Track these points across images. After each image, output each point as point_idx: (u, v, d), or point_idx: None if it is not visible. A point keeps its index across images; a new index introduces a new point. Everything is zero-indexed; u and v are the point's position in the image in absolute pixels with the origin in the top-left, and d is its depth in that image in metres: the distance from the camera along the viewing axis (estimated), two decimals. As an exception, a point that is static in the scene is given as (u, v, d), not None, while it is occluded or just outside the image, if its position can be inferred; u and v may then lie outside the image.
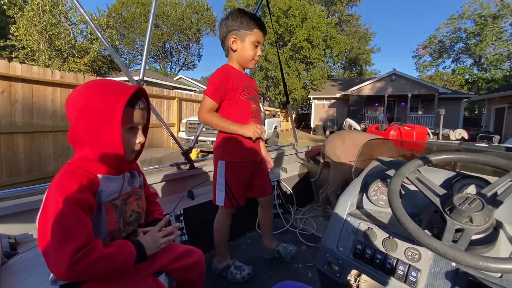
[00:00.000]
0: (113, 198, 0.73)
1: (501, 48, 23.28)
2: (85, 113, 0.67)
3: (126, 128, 0.73)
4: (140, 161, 3.62)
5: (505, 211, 0.75)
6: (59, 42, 11.02)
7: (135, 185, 0.84)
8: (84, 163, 0.70)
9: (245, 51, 1.31)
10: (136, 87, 0.73)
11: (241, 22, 1.27)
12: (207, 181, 1.85)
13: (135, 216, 0.81)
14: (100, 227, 0.71)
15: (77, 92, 0.70)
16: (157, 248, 0.79)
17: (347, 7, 27.91)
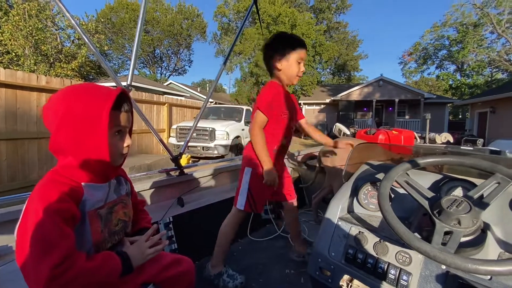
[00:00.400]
0: (98, 207, 0.71)
1: (482, 55, 24.30)
2: (67, 120, 0.64)
3: (113, 132, 0.71)
4: (129, 168, 3.59)
5: (492, 213, 0.76)
6: (45, 47, 10.79)
7: (122, 192, 0.82)
8: (68, 171, 0.68)
9: (289, 69, 1.40)
10: (119, 89, 0.71)
11: (285, 43, 1.39)
12: (197, 188, 1.82)
13: (122, 225, 0.78)
14: (84, 237, 0.68)
15: (56, 99, 0.66)
16: (144, 259, 0.76)
17: (335, 14, 28.57)
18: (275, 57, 1.40)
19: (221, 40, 25.55)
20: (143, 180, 1.58)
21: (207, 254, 1.72)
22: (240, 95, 21.50)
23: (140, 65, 29.66)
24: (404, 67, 32.79)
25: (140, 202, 0.99)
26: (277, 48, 1.40)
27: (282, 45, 1.39)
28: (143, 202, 1.01)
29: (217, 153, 6.89)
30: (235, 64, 22.54)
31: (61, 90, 0.68)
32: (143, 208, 0.99)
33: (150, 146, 7.82)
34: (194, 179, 1.82)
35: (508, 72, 23.84)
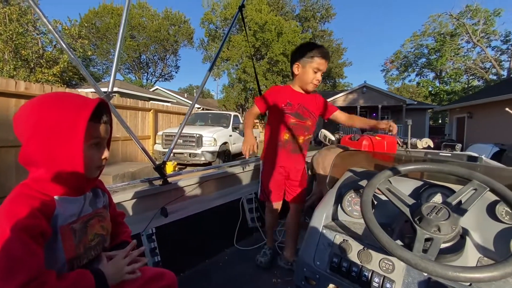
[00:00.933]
0: (71, 222, 0.66)
1: (459, 63, 25.57)
2: (39, 130, 0.61)
3: (89, 144, 0.68)
4: (112, 176, 3.46)
5: (470, 219, 0.78)
6: (26, 52, 10.41)
7: (98, 205, 0.78)
8: (39, 184, 0.64)
9: (305, 76, 1.53)
10: (97, 99, 0.68)
11: (305, 52, 1.50)
12: (182, 197, 1.78)
13: (98, 239, 0.74)
14: (56, 254, 0.63)
15: (27, 107, 0.63)
16: (121, 277, 0.72)
17: (320, 23, 29.34)
18: (295, 63, 1.55)
19: (208, 47, 25.55)
20: (125, 190, 1.52)
21: (192, 265, 1.67)
22: (228, 101, 21.49)
23: (125, 70, 29.18)
24: (387, 74, 33.99)
25: (119, 214, 0.95)
26: (298, 55, 1.53)
27: (302, 53, 1.51)
28: (123, 214, 0.96)
29: (204, 160, 6.80)
30: (223, 70, 22.57)
31: (33, 99, 0.65)
32: (122, 221, 0.94)
33: (135, 153, 7.63)
34: (179, 188, 1.78)
35: (483, 79, 25.17)
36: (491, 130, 10.95)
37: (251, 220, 2.19)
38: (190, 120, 8.42)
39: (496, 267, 0.54)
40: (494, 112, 11.04)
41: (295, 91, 1.60)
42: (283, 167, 1.64)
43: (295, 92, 1.60)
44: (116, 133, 6.85)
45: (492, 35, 23.50)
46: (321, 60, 1.49)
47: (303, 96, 1.61)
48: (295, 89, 1.61)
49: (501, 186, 0.70)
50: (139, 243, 1.45)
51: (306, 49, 1.51)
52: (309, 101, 1.63)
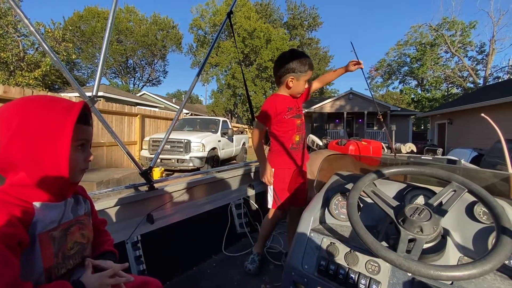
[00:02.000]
0: (51, 229, 0.64)
1: (438, 72, 26.74)
2: (22, 133, 0.59)
3: (75, 146, 0.67)
4: (96, 183, 3.35)
5: (451, 220, 0.81)
6: (5, 54, 10.06)
7: (79, 212, 0.75)
8: (17, 189, 0.61)
9: (298, 88, 1.58)
10: (82, 102, 0.67)
11: (300, 65, 1.52)
12: (168, 203, 1.74)
13: (78, 248, 0.71)
14: (33, 263, 0.60)
15: (7, 110, 0.61)
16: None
17: (307, 31, 30.02)
18: (289, 75, 1.55)
19: (197, 52, 25.55)
20: (109, 197, 1.48)
21: (178, 273, 1.63)
22: (217, 106, 21.45)
23: (111, 75, 28.64)
24: (372, 82, 35.00)
25: (101, 221, 0.92)
26: (293, 67, 1.53)
27: (298, 67, 1.52)
28: (105, 222, 0.93)
29: (193, 166, 6.72)
30: (212, 76, 22.58)
31: (13, 101, 0.62)
32: (104, 229, 0.91)
33: (120, 159, 7.44)
34: (165, 194, 1.74)
35: (461, 87, 26.40)
36: (470, 136, 11.45)
37: (239, 225, 2.17)
38: (178, 126, 8.32)
39: (475, 265, 0.56)
40: (472, 119, 11.57)
41: (288, 97, 1.65)
42: (298, 168, 1.67)
43: (289, 98, 1.66)
44: (101, 139, 6.68)
45: (469, 46, 24.80)
46: (311, 71, 1.57)
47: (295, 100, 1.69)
48: (286, 95, 1.66)
49: (478, 187, 0.73)
50: (123, 251, 1.40)
51: (302, 62, 1.53)
52: (299, 102, 1.72)
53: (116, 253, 0.87)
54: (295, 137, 1.64)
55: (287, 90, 1.62)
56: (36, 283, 0.60)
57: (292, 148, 1.64)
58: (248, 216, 2.24)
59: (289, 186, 1.66)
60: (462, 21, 23.80)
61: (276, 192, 1.66)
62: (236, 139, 9.25)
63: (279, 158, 1.66)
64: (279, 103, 1.61)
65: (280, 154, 1.66)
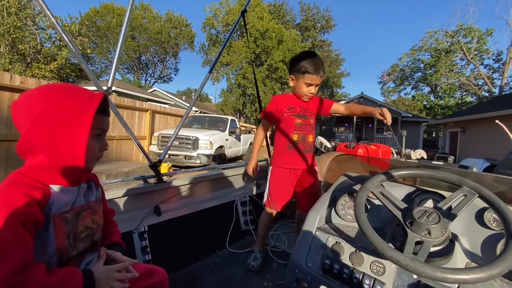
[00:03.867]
0: (64, 211, 0.66)
1: (453, 79, 26.14)
2: (44, 118, 0.61)
3: (93, 135, 0.70)
4: (105, 175, 3.42)
5: (459, 224, 0.80)
6: (23, 46, 10.33)
7: (91, 198, 0.77)
8: (35, 172, 0.64)
9: (299, 89, 1.59)
10: (102, 93, 0.70)
11: (297, 66, 1.55)
12: (175, 196, 1.77)
13: (88, 232, 0.73)
14: (47, 242, 0.63)
15: (31, 96, 0.64)
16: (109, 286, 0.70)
17: (319, 33, 29.83)
18: (290, 75, 1.62)
19: (208, 51, 25.72)
20: (118, 187, 1.51)
21: (182, 266, 1.65)
22: (226, 105, 21.54)
23: (124, 70, 29.14)
24: (383, 87, 34.54)
25: (110, 211, 0.94)
26: (292, 68, 1.59)
27: (295, 67, 1.56)
28: (113, 212, 0.95)
29: (200, 163, 6.77)
30: (222, 75, 22.69)
31: (36, 88, 0.65)
32: (112, 219, 0.93)
33: (129, 153, 7.56)
34: (173, 187, 1.77)
35: (476, 95, 25.74)
36: (483, 146, 11.16)
37: (244, 223, 2.18)
38: (187, 123, 8.40)
39: (482, 269, 0.55)
40: (486, 128, 11.27)
41: (294, 97, 1.67)
42: (295, 170, 1.65)
43: (295, 98, 1.67)
44: (112, 132, 6.80)
45: (485, 53, 24.17)
46: (311, 75, 1.51)
47: (296, 98, 1.68)
48: (292, 94, 1.69)
49: (489, 193, 0.72)
50: (130, 240, 1.43)
51: (299, 63, 1.53)
52: (308, 104, 1.69)
53: (123, 245, 0.89)
54: (292, 136, 1.62)
55: (294, 92, 1.66)
56: (48, 263, 0.63)
57: (288, 147, 1.62)
58: (253, 213, 2.25)
59: (283, 185, 1.64)
60: (478, 28, 23.23)
61: (270, 190, 1.67)
62: (244, 139, 9.27)
63: (276, 156, 1.69)
64: (280, 100, 1.65)
65: (278, 153, 1.68)
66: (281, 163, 1.65)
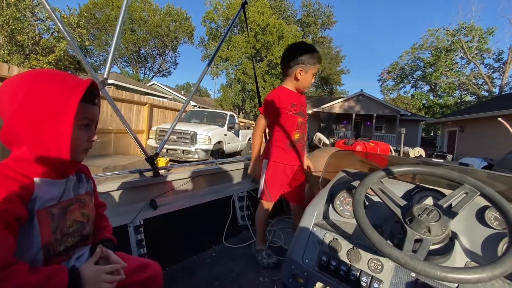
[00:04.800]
0: (50, 206, 0.63)
1: (452, 78, 26.12)
2: (27, 106, 0.58)
3: (79, 125, 0.66)
4: (102, 168, 3.40)
5: (460, 223, 0.79)
6: (22, 38, 10.20)
7: (81, 191, 0.74)
8: (19, 164, 0.60)
9: (306, 81, 1.58)
10: (89, 80, 0.66)
11: (310, 58, 1.53)
12: (172, 190, 1.75)
13: (77, 226, 0.70)
14: (31, 239, 0.60)
15: (14, 82, 0.60)
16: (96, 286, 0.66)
17: (320, 29, 29.61)
18: (298, 67, 1.55)
19: (208, 45, 25.52)
20: (114, 180, 1.49)
21: (178, 260, 1.64)
22: (225, 100, 21.45)
23: (123, 63, 28.90)
24: (383, 84, 34.50)
25: (101, 205, 0.90)
26: (303, 59, 1.53)
27: (308, 59, 1.53)
28: (104, 206, 0.92)
29: (198, 158, 6.75)
30: (221, 70, 22.55)
31: (21, 74, 0.62)
32: (103, 213, 0.90)
33: (127, 147, 7.53)
34: (170, 181, 1.75)
35: (476, 95, 25.76)
36: (481, 145, 11.20)
37: (241, 218, 2.18)
38: (186, 117, 8.36)
39: (484, 269, 0.54)
40: (485, 128, 11.30)
41: (293, 92, 1.64)
42: (292, 166, 1.66)
43: (294, 93, 1.65)
44: (109, 125, 6.76)
45: (486, 53, 24.13)
46: (319, 65, 1.58)
47: (300, 96, 1.69)
48: (291, 89, 1.65)
49: (492, 191, 0.70)
50: (126, 234, 1.42)
51: (311, 54, 1.54)
52: (303, 100, 1.72)
53: (115, 241, 0.86)
54: (294, 135, 1.63)
55: (295, 83, 1.61)
56: (34, 259, 0.60)
57: (290, 145, 1.63)
58: (250, 209, 2.24)
59: (281, 179, 1.66)
60: (480, 27, 23.12)
61: (267, 183, 1.66)
62: (242, 134, 9.24)
63: (275, 151, 1.65)
64: (283, 97, 1.59)
65: (277, 148, 1.65)
66: (280, 159, 1.64)
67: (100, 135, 6.36)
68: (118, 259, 0.77)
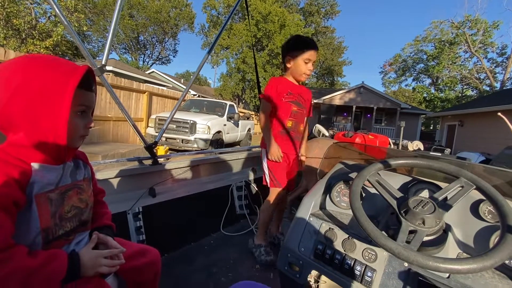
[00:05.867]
0: (48, 191, 0.64)
1: (455, 72, 25.91)
2: (22, 92, 0.58)
3: (75, 111, 0.66)
4: (101, 156, 3.40)
5: (454, 215, 0.80)
6: (18, 21, 9.98)
7: (78, 177, 0.74)
8: (15, 149, 0.61)
9: (298, 68, 1.59)
10: (86, 66, 0.66)
11: (295, 45, 1.56)
12: (171, 179, 1.76)
13: (75, 212, 0.71)
14: (30, 223, 0.61)
15: (8, 66, 0.59)
16: (94, 273, 0.68)
17: (323, 19, 29.08)
18: (287, 57, 1.62)
19: (208, 33, 25.11)
20: (113, 167, 1.50)
21: (176, 247, 1.67)
22: (225, 90, 21.29)
23: (121, 50, 28.46)
24: (384, 77, 34.22)
25: (100, 191, 0.91)
26: (288, 49, 1.60)
27: (293, 47, 1.58)
28: (103, 192, 0.93)
29: (197, 147, 6.75)
30: (222, 59, 22.26)
31: (15, 58, 0.61)
32: (102, 200, 0.91)
33: (126, 135, 7.52)
34: (169, 169, 1.76)
35: (477, 89, 25.63)
36: (480, 140, 11.23)
37: (239, 207, 2.20)
38: (185, 106, 8.31)
39: (475, 260, 0.55)
40: (484, 123, 11.30)
41: (291, 82, 1.66)
42: (286, 154, 1.66)
43: (292, 83, 1.66)
44: (108, 113, 6.72)
45: (490, 47, 23.85)
46: (310, 51, 1.55)
47: (299, 87, 1.69)
48: (290, 80, 1.67)
49: (487, 185, 0.71)
50: (125, 221, 1.44)
51: (296, 43, 1.58)
52: (304, 92, 1.71)
53: (114, 227, 0.87)
54: (287, 122, 1.64)
55: (289, 73, 1.65)
56: (33, 243, 0.61)
57: (282, 132, 1.64)
58: (248, 198, 2.27)
59: (281, 166, 1.66)
60: (485, 20, 22.75)
61: (271, 170, 1.66)
62: (242, 124, 9.22)
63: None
64: (280, 84, 1.62)
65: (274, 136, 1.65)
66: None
67: (98, 122, 6.33)
68: (117, 244, 0.78)
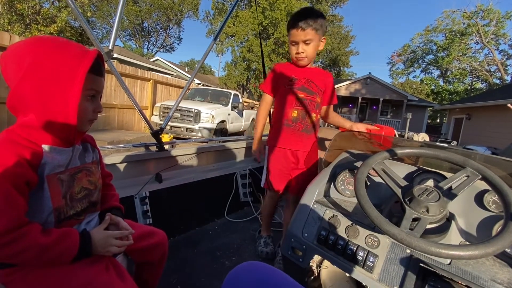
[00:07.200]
0: (59, 172, 0.65)
1: (465, 64, 25.26)
2: (33, 73, 0.58)
3: (85, 95, 0.66)
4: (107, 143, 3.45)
5: (458, 204, 0.81)
6: (22, 6, 9.91)
7: (87, 160, 0.76)
8: (26, 131, 0.61)
9: (290, 51, 1.41)
10: (96, 50, 0.66)
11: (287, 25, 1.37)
12: (177, 165, 1.79)
13: (85, 193, 0.73)
14: (42, 202, 0.62)
15: (22, 46, 0.59)
16: (105, 252, 0.71)
17: (331, 7, 28.32)
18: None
19: (213, 20, 24.67)
20: (120, 153, 1.52)
21: (182, 232, 1.72)
22: (230, 79, 21.12)
23: (126, 37, 28.20)
24: (392, 68, 33.55)
25: (107, 175, 0.93)
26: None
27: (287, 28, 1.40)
28: (110, 176, 0.95)
29: (201, 136, 6.78)
30: (227, 47, 21.96)
31: (26, 40, 0.61)
32: (109, 183, 0.93)
33: (131, 122, 7.56)
34: (175, 156, 1.78)
35: (487, 82, 25.04)
36: (487, 134, 11.06)
37: (243, 194, 2.23)
38: (189, 95, 8.28)
39: (477, 247, 0.56)
40: (492, 116, 11.09)
41: (295, 67, 1.46)
42: (291, 151, 1.46)
43: (297, 68, 1.45)
44: (113, 100, 6.74)
45: (502, 38, 23.11)
46: (293, 30, 1.32)
47: (309, 70, 1.45)
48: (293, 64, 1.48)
49: (493, 174, 0.71)
50: (132, 205, 1.47)
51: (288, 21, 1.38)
52: (318, 76, 1.44)
53: (122, 208, 0.90)
54: (291, 113, 1.41)
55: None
56: (46, 221, 0.64)
57: (286, 124, 1.42)
58: (252, 186, 2.29)
59: (281, 166, 1.47)
60: (498, 10, 21.94)
61: (267, 171, 1.51)
62: (246, 114, 9.19)
63: (272, 134, 1.50)
64: (283, 70, 1.44)
65: (274, 130, 1.48)
66: (275, 142, 1.46)
67: (104, 109, 6.36)
68: (127, 226, 0.81)
